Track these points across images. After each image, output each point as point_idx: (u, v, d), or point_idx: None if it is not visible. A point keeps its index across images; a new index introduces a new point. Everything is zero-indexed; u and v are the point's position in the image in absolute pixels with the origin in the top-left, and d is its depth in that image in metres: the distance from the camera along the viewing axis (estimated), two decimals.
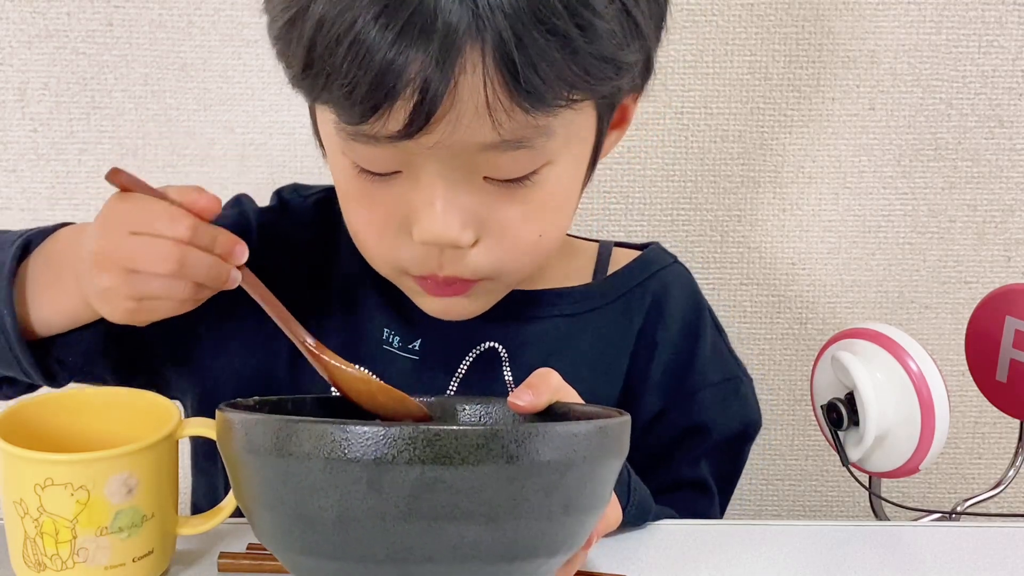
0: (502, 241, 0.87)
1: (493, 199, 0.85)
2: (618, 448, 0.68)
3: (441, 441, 0.60)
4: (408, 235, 0.87)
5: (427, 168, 0.84)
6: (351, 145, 0.84)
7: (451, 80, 0.77)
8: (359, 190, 0.88)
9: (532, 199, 0.87)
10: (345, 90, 0.78)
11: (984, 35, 1.28)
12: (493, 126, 0.79)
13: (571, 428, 0.64)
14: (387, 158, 0.84)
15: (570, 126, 0.85)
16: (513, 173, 0.85)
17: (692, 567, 0.82)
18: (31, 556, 0.73)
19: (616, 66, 0.82)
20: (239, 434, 0.64)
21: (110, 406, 0.80)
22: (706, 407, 1.02)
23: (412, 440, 0.60)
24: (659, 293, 1.02)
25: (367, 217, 0.89)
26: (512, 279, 0.92)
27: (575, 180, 0.90)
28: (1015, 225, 1.34)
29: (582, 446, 0.64)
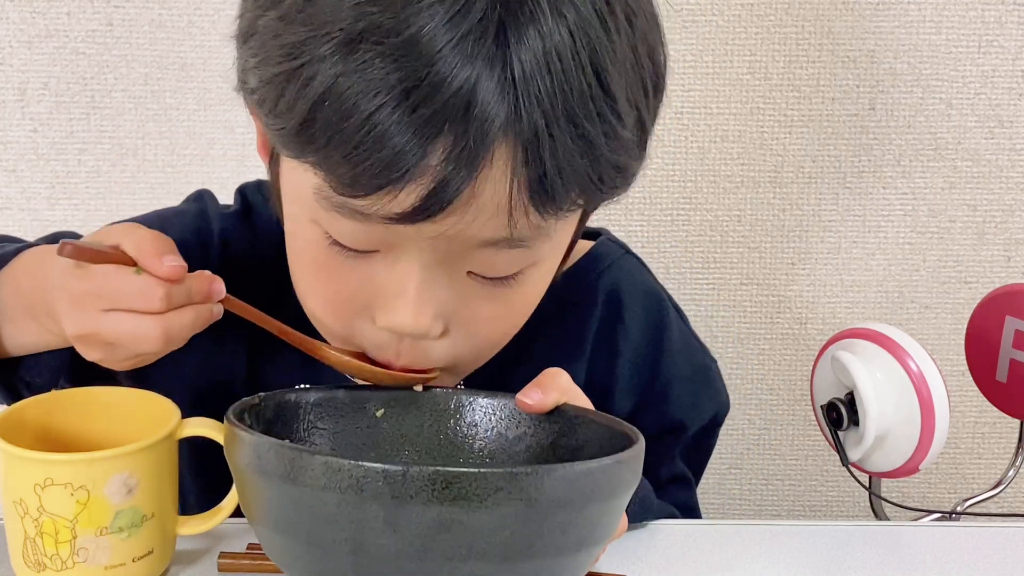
0: (470, 335, 0.82)
1: (471, 294, 0.80)
2: (633, 477, 0.67)
3: (460, 483, 0.59)
4: (370, 317, 0.80)
5: (411, 254, 0.77)
6: (331, 216, 0.76)
7: (475, 173, 0.70)
8: (323, 263, 0.80)
9: (511, 298, 0.82)
10: (350, 162, 0.71)
11: (984, 35, 1.28)
12: (508, 224, 0.74)
13: (589, 466, 0.63)
14: (369, 236, 0.76)
15: (564, 229, 0.81)
16: (503, 272, 0.79)
17: (692, 567, 0.82)
18: (31, 556, 0.73)
19: (624, 176, 0.78)
20: (249, 454, 0.63)
21: (110, 406, 0.80)
22: (679, 403, 0.99)
23: (431, 481, 0.59)
24: (612, 293, 0.99)
25: (327, 293, 0.82)
26: (467, 371, 0.87)
27: (549, 278, 0.86)
28: (1015, 225, 1.34)
29: (600, 482, 0.64)
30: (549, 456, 0.78)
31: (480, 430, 0.81)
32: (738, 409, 1.39)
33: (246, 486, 0.66)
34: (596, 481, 0.64)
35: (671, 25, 1.28)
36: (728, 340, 1.37)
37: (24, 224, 1.32)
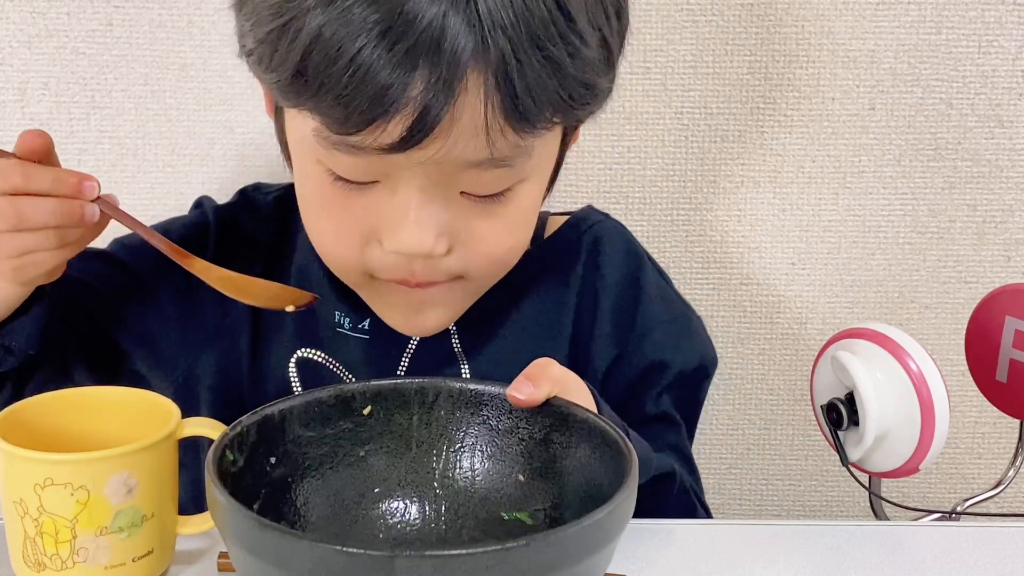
0: (474, 251, 0.89)
1: (467, 213, 0.88)
2: (623, 524, 0.67)
3: (448, 567, 0.59)
4: (377, 243, 0.88)
5: (407, 180, 0.85)
6: (331, 153, 0.84)
7: (453, 97, 0.78)
8: (330, 198, 0.89)
9: (505, 214, 0.89)
10: (341, 102, 0.79)
11: (984, 35, 1.29)
12: (487, 144, 0.82)
13: (583, 525, 0.62)
14: (367, 168, 0.85)
15: (544, 146, 0.88)
16: (492, 189, 0.87)
17: (692, 567, 0.82)
18: (31, 556, 0.73)
19: (593, 93, 0.86)
20: (233, 528, 0.63)
21: (110, 406, 0.80)
22: (660, 344, 1.04)
23: (418, 567, 0.59)
24: (591, 247, 1.05)
25: (335, 226, 0.90)
26: (481, 284, 0.94)
27: (540, 195, 0.93)
28: (1015, 225, 1.35)
29: (593, 540, 0.64)
30: (542, 452, 0.78)
31: (471, 424, 0.80)
32: (738, 409, 1.39)
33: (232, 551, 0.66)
34: (588, 539, 0.64)
35: (671, 25, 1.28)
36: (728, 340, 1.37)
37: None
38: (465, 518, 0.79)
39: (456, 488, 0.80)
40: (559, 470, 0.77)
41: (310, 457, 0.77)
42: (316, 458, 0.77)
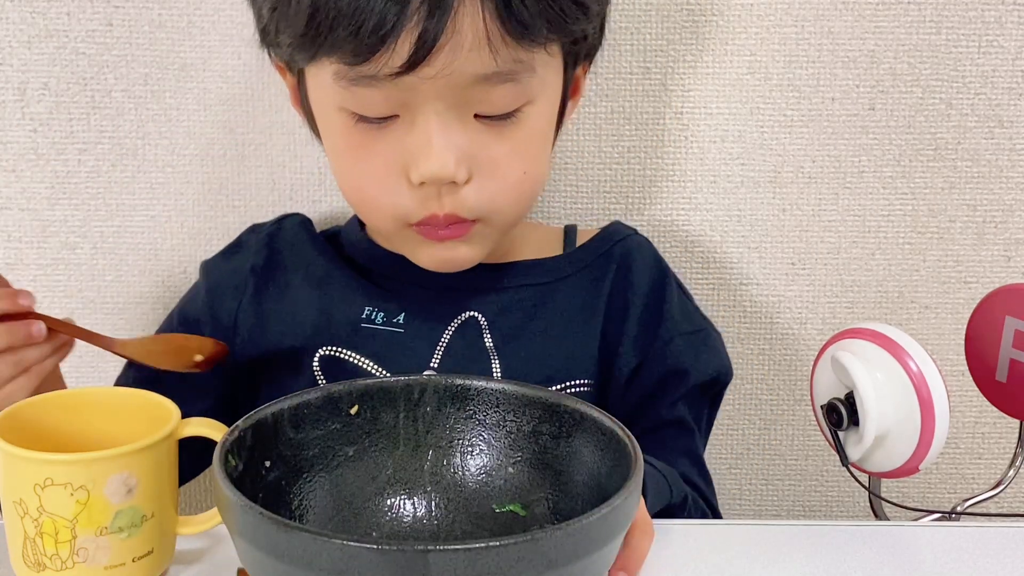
0: (492, 177, 0.94)
1: (483, 137, 0.93)
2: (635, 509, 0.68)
3: (482, 559, 0.59)
4: (406, 181, 0.93)
5: (423, 108, 0.90)
6: (351, 92, 0.90)
7: (451, 11, 0.84)
8: (356, 142, 0.94)
9: (517, 136, 0.94)
10: (351, 30, 0.85)
11: (984, 35, 1.28)
12: (490, 54, 0.87)
13: (614, 505, 0.64)
14: (384, 99, 0.90)
15: (546, 68, 0.94)
16: (502, 108, 0.92)
17: (692, 567, 0.82)
18: (31, 556, 0.73)
19: (584, 11, 0.92)
20: (255, 532, 0.63)
21: (109, 406, 0.80)
22: (680, 353, 1.08)
23: (452, 561, 0.59)
24: (624, 259, 1.10)
25: (366, 169, 0.95)
26: (502, 220, 0.99)
27: (549, 122, 0.99)
28: (1015, 225, 1.34)
29: (617, 522, 0.65)
30: (532, 444, 0.78)
31: (458, 418, 0.81)
32: (738, 409, 1.39)
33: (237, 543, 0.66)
34: (614, 519, 0.64)
35: (671, 25, 1.28)
36: (728, 340, 1.36)
37: (24, 224, 1.32)
38: (457, 512, 0.79)
39: (447, 483, 0.80)
40: (551, 460, 0.78)
41: (302, 459, 0.77)
42: (308, 460, 0.77)
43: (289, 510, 0.76)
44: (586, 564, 0.63)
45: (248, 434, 0.73)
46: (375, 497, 0.79)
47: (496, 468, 0.80)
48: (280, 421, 0.76)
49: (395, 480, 0.80)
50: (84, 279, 1.34)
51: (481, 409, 0.80)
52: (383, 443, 0.80)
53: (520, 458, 0.79)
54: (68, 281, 1.34)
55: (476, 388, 0.80)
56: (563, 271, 1.09)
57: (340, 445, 0.79)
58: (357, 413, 0.79)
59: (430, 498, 0.80)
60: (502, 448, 0.79)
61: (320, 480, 0.78)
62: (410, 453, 0.80)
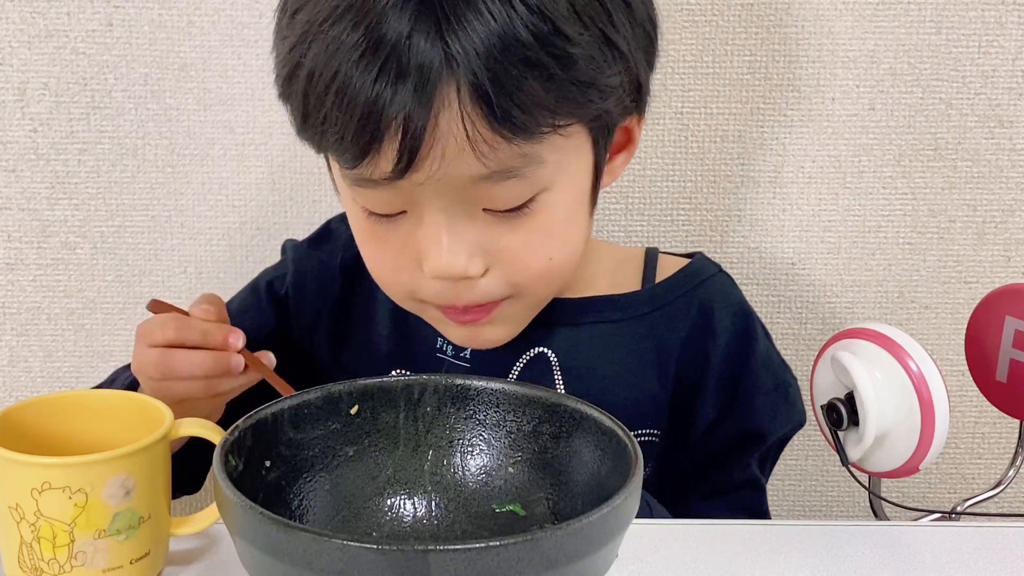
0: (512, 267, 0.90)
1: (496, 229, 0.89)
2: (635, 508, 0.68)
3: (482, 560, 0.59)
4: (420, 271, 0.90)
5: (429, 206, 0.87)
6: (356, 190, 0.89)
7: (430, 117, 0.80)
8: (370, 232, 0.93)
9: (533, 226, 0.89)
10: (337, 136, 0.83)
11: (984, 35, 1.28)
12: (477, 158, 0.83)
13: (614, 505, 0.64)
14: (390, 199, 0.88)
15: (561, 151, 0.87)
16: (510, 203, 0.88)
17: (692, 567, 0.82)
18: (27, 561, 0.73)
19: (597, 89, 0.85)
20: (255, 533, 0.63)
21: (100, 408, 0.80)
22: (761, 414, 1.04)
23: (452, 561, 0.59)
24: (705, 303, 1.04)
25: (381, 257, 0.94)
26: (533, 300, 0.95)
27: (576, 204, 0.92)
28: (1015, 225, 1.34)
29: (617, 522, 0.65)
30: (532, 444, 0.78)
31: (458, 419, 0.81)
32: None
33: (235, 540, 0.66)
34: (613, 518, 0.64)
35: (671, 26, 1.28)
36: None
37: (24, 224, 1.32)
38: (457, 512, 0.79)
39: (446, 483, 0.80)
40: (551, 460, 0.78)
41: (302, 459, 0.77)
42: (308, 460, 0.77)
43: (289, 510, 0.76)
44: (586, 564, 0.63)
45: (248, 434, 0.73)
46: (375, 497, 0.79)
47: (496, 468, 0.80)
48: (280, 421, 0.76)
49: (395, 480, 0.80)
50: (84, 279, 1.34)
51: (481, 409, 0.80)
52: (383, 443, 0.80)
53: (520, 458, 0.79)
54: (68, 281, 1.34)
55: (476, 388, 0.80)
56: (639, 308, 1.03)
57: (340, 445, 0.79)
58: (357, 413, 0.79)
59: (430, 498, 0.80)
60: (502, 448, 0.79)
61: (320, 480, 0.78)
62: (410, 453, 0.80)
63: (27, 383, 1.37)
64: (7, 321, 1.35)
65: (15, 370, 1.36)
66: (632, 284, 1.07)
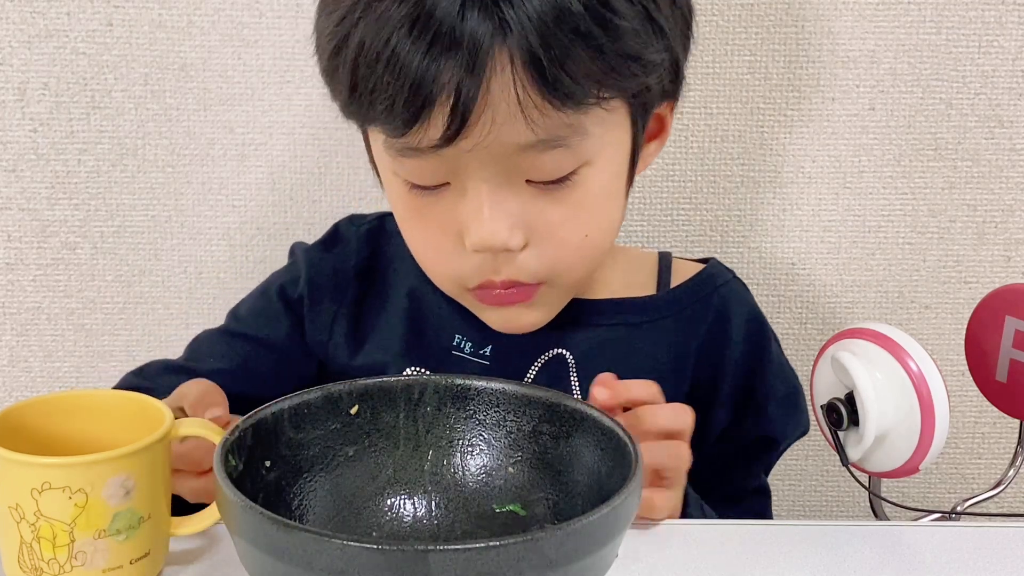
0: (550, 242, 0.91)
1: (537, 202, 0.90)
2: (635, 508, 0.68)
3: (482, 560, 0.59)
4: (463, 246, 0.91)
5: (472, 176, 0.88)
6: (400, 162, 0.89)
7: (482, 83, 0.82)
8: (412, 208, 0.93)
9: (573, 200, 0.91)
10: (387, 103, 0.84)
11: (984, 35, 1.28)
12: (527, 124, 0.84)
13: (614, 506, 0.64)
14: (433, 170, 0.89)
15: (604, 125, 0.89)
16: (553, 174, 0.89)
17: (692, 567, 0.82)
18: (27, 561, 0.73)
19: (641, 64, 0.87)
20: (255, 533, 0.63)
21: (99, 409, 0.80)
22: (774, 421, 1.05)
23: (452, 561, 0.59)
24: (721, 310, 1.06)
25: (423, 234, 0.95)
26: (568, 281, 0.96)
27: (614, 182, 0.94)
28: (1015, 225, 1.34)
29: (617, 522, 0.65)
30: (532, 444, 0.78)
31: (458, 418, 0.81)
32: None
33: (234, 539, 0.66)
34: (613, 519, 0.64)
35: None
36: None
37: (24, 224, 1.32)
38: (457, 512, 0.79)
39: (447, 483, 0.80)
40: (551, 460, 0.78)
41: (302, 459, 0.77)
42: (308, 459, 0.77)
43: (289, 510, 0.76)
44: (586, 564, 0.63)
45: (248, 434, 0.73)
46: (375, 497, 0.79)
47: (496, 468, 0.80)
48: (280, 421, 0.76)
49: (395, 480, 0.80)
50: (84, 279, 1.34)
51: (481, 409, 0.80)
52: (383, 443, 0.80)
53: (520, 458, 0.79)
54: (68, 281, 1.34)
55: (476, 388, 0.80)
56: (656, 312, 1.05)
57: (340, 445, 0.79)
58: (357, 413, 0.79)
59: (430, 498, 0.80)
60: (502, 448, 0.79)
61: (320, 480, 0.78)
62: (410, 453, 0.80)
63: (27, 383, 1.37)
64: (7, 321, 1.35)
65: (15, 370, 1.36)
66: (647, 287, 1.08)
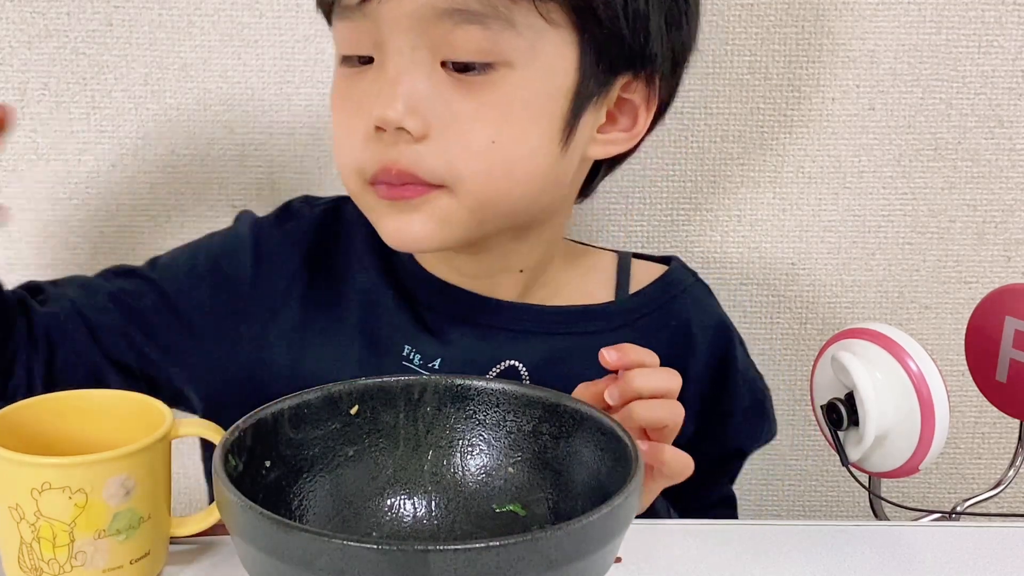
0: (454, 137, 0.88)
1: (449, 91, 0.87)
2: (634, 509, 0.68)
3: (482, 560, 0.59)
4: (371, 131, 0.89)
5: (390, 49, 0.87)
6: (336, 29, 0.91)
7: None
8: (342, 92, 0.93)
9: (486, 98, 0.87)
10: None
11: (984, 35, 1.28)
12: None
13: (614, 506, 0.64)
14: (359, 36, 0.89)
15: (538, 34, 0.87)
16: (466, 54, 0.87)
17: (692, 567, 0.82)
18: (27, 562, 0.73)
19: None
20: (254, 533, 0.63)
21: (100, 408, 0.80)
22: (740, 431, 1.04)
23: (452, 561, 0.59)
24: (684, 317, 1.02)
25: (344, 117, 0.92)
26: (470, 196, 0.90)
27: (540, 103, 0.89)
28: (1015, 225, 1.34)
29: (617, 522, 0.65)
30: (532, 444, 0.78)
31: (458, 418, 0.81)
32: None
33: (235, 540, 0.66)
34: (613, 519, 0.64)
35: None
36: None
37: (24, 224, 1.32)
38: (456, 512, 0.79)
39: (446, 483, 0.80)
40: (551, 460, 0.78)
41: (302, 459, 0.77)
42: (308, 460, 0.77)
43: (289, 510, 0.76)
44: (586, 564, 0.63)
45: (248, 434, 0.73)
46: (375, 497, 0.79)
47: (496, 468, 0.80)
48: (280, 421, 0.76)
49: (395, 480, 0.80)
50: None
51: (481, 409, 0.80)
52: (383, 443, 0.80)
53: (520, 458, 0.79)
54: None
55: (476, 388, 0.80)
56: (615, 321, 1.01)
57: (340, 445, 0.79)
58: (357, 413, 0.79)
59: (430, 498, 0.80)
60: (502, 448, 0.79)
61: (320, 480, 0.78)
62: (410, 453, 0.80)
63: None
64: None
65: None
66: (605, 290, 1.04)
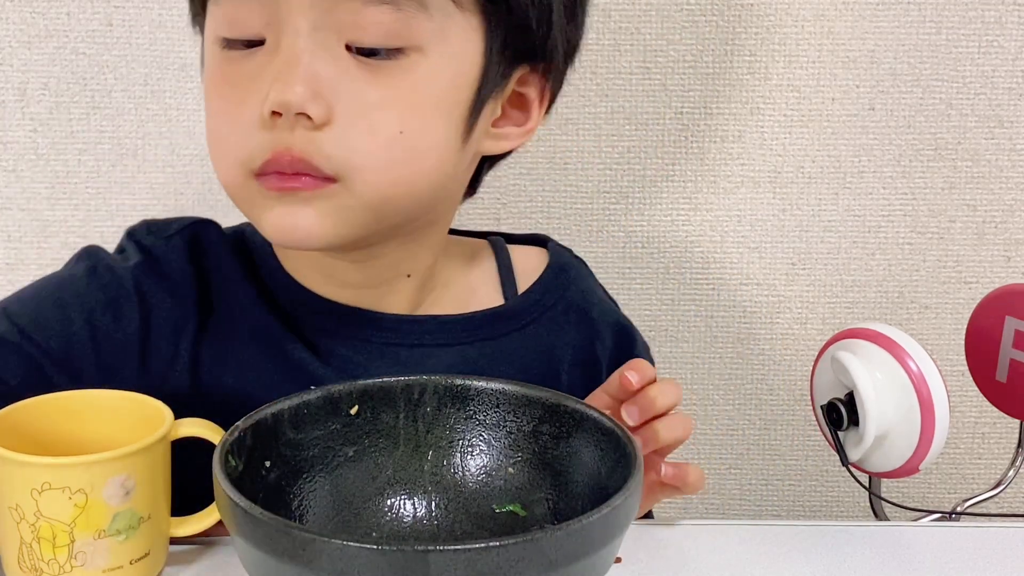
0: (359, 125, 0.82)
1: (355, 76, 0.81)
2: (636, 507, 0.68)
3: (482, 560, 0.59)
4: (259, 118, 0.81)
5: (287, 29, 0.81)
6: (215, 9, 0.84)
7: None
8: (221, 75, 0.85)
9: (395, 84, 0.82)
10: None
11: (984, 35, 1.28)
12: None
13: (614, 505, 0.64)
14: (248, 15, 0.81)
15: (449, 21, 0.82)
16: (376, 38, 0.81)
17: (692, 567, 0.82)
18: (27, 562, 0.73)
19: None
20: (254, 533, 0.63)
21: (99, 408, 0.80)
22: None
23: (452, 561, 0.59)
24: (581, 304, 1.00)
25: (223, 104, 0.85)
26: (366, 189, 0.83)
27: (448, 94, 0.85)
28: (1015, 225, 1.34)
29: (618, 522, 0.65)
30: (532, 444, 0.78)
31: (458, 419, 0.81)
32: (738, 409, 1.39)
33: (237, 543, 0.66)
34: (613, 519, 0.64)
35: (671, 25, 1.28)
36: (728, 340, 1.37)
37: (24, 224, 1.32)
38: (457, 512, 0.79)
39: (446, 483, 0.80)
40: (551, 460, 0.78)
41: (302, 459, 0.77)
42: (308, 460, 0.77)
43: (289, 510, 0.76)
44: (586, 564, 0.63)
45: (248, 434, 0.73)
46: (375, 497, 0.79)
47: (496, 468, 0.80)
48: (280, 421, 0.76)
49: (395, 480, 0.80)
50: None
51: (481, 409, 0.80)
52: (383, 443, 0.80)
53: (520, 458, 0.79)
54: None
55: (476, 388, 0.80)
56: (512, 323, 0.96)
57: (340, 445, 0.79)
58: (357, 413, 0.79)
59: (430, 498, 0.80)
60: (502, 448, 0.79)
61: (320, 480, 0.78)
62: (410, 453, 0.80)
63: None
64: None
65: None
66: (491, 283, 0.99)
